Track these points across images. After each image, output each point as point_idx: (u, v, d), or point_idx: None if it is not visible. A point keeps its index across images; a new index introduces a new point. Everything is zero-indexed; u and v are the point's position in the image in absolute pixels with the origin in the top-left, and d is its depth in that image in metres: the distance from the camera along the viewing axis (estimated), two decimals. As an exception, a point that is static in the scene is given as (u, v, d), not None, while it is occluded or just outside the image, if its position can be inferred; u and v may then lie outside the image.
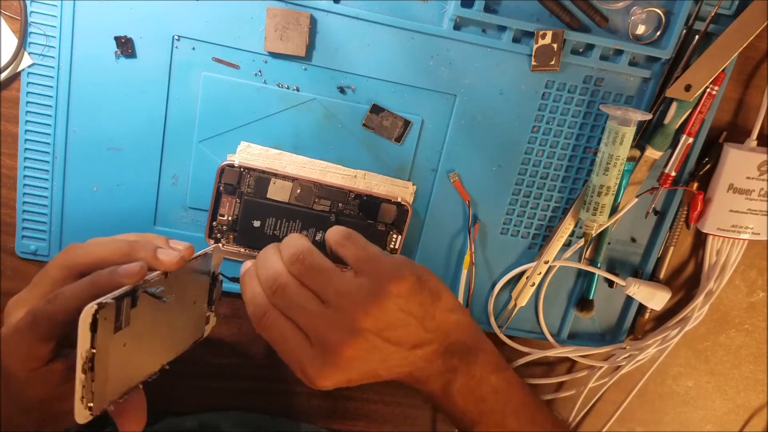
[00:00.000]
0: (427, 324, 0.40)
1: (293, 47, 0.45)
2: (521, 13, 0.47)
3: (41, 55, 0.45)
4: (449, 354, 0.40)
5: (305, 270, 0.38)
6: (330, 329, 0.37)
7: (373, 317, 0.37)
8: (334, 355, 0.37)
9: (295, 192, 0.48)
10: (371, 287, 0.38)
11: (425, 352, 0.40)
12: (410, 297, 0.39)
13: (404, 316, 0.39)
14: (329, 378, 0.38)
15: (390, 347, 0.39)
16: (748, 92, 0.51)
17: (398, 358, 0.39)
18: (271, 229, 0.48)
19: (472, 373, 0.40)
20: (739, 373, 0.62)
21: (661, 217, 0.53)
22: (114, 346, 0.33)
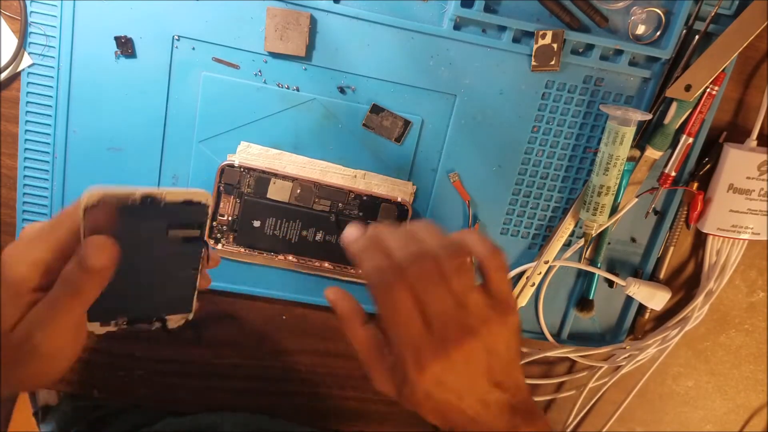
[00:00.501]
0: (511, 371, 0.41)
1: (293, 47, 0.45)
2: (521, 13, 0.47)
3: (41, 55, 0.45)
4: (515, 412, 0.41)
5: (462, 267, 0.40)
6: (457, 323, 0.39)
7: (491, 333, 0.39)
8: (453, 346, 0.38)
9: (295, 192, 0.48)
10: (498, 310, 0.40)
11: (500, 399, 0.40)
12: (514, 337, 0.41)
13: (505, 350, 0.40)
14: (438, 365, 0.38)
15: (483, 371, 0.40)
16: (748, 92, 0.51)
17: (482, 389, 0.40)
18: (271, 229, 0.48)
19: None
20: (739, 373, 0.62)
21: (661, 217, 0.53)
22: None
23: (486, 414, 0.40)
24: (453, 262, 0.40)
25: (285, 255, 0.49)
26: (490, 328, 0.40)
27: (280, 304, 0.54)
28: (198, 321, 0.54)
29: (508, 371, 0.41)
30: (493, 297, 0.41)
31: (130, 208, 0.36)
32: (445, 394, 0.39)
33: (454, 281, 0.40)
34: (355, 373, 0.57)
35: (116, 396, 0.55)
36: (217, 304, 0.53)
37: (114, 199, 0.35)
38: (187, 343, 0.54)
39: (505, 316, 0.41)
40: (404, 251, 0.40)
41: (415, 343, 0.39)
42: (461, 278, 0.40)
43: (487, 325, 0.40)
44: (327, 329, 0.55)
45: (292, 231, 0.48)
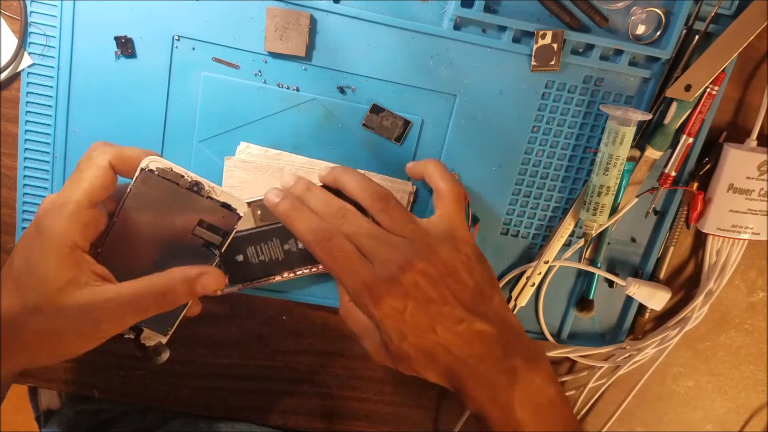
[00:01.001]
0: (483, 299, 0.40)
1: (293, 47, 0.45)
2: (521, 13, 0.47)
3: (41, 55, 0.45)
4: (510, 350, 0.39)
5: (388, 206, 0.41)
6: (396, 250, 0.39)
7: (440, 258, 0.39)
8: (398, 271, 0.38)
9: (257, 214, 0.47)
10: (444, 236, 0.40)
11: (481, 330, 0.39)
12: (474, 263, 0.40)
13: (467, 273, 0.39)
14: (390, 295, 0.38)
15: (449, 296, 0.39)
16: (748, 92, 0.51)
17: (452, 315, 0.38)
18: (256, 257, 0.48)
19: (533, 379, 0.39)
20: (739, 373, 0.62)
21: (661, 217, 0.53)
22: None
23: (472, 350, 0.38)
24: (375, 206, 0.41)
25: (280, 274, 0.49)
26: (438, 253, 0.39)
27: (280, 304, 0.54)
28: (196, 320, 0.54)
29: (482, 299, 0.40)
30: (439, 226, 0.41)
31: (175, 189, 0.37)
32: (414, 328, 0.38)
33: (385, 221, 0.41)
34: (355, 373, 0.57)
35: (117, 396, 0.55)
36: (217, 304, 0.53)
37: (169, 173, 0.37)
38: (187, 343, 0.54)
39: (455, 243, 0.40)
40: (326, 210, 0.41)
41: (365, 281, 0.38)
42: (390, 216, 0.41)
43: (433, 249, 0.39)
44: (327, 329, 0.55)
45: (275, 250, 0.48)
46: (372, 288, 0.38)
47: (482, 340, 0.39)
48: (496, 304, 0.41)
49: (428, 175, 0.44)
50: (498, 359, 0.39)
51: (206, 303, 0.53)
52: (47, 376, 0.54)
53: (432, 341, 0.39)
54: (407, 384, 0.58)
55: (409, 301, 0.38)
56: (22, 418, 1.16)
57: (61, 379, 0.54)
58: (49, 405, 0.69)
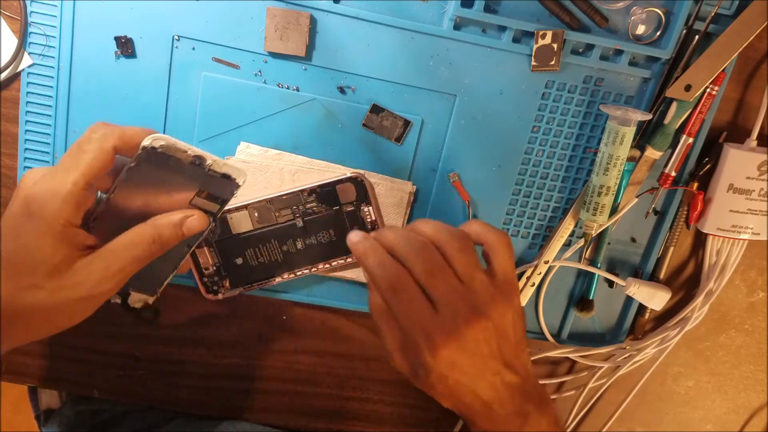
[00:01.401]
0: (519, 353, 0.42)
1: (293, 47, 0.45)
2: (521, 13, 0.47)
3: (41, 55, 0.45)
4: (526, 397, 0.41)
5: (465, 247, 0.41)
6: (465, 303, 0.40)
7: (498, 313, 0.40)
8: (464, 326, 0.39)
9: (254, 216, 0.47)
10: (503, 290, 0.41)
11: (511, 382, 0.41)
12: (519, 317, 0.42)
13: (510, 329, 0.41)
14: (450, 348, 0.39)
15: (496, 351, 0.41)
16: (748, 92, 0.51)
17: (494, 370, 0.41)
18: (255, 260, 0.48)
19: (541, 423, 0.41)
20: (739, 373, 0.62)
21: (661, 217, 0.53)
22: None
23: (498, 397, 0.41)
24: (454, 245, 0.41)
25: (280, 275, 0.49)
26: (498, 308, 0.40)
27: (280, 304, 0.54)
28: (196, 320, 0.54)
29: (517, 353, 0.42)
30: (498, 278, 0.42)
31: (176, 162, 0.37)
32: (459, 375, 0.40)
33: (458, 264, 0.41)
34: (355, 373, 0.57)
35: (116, 396, 0.55)
36: (217, 304, 0.53)
37: (172, 149, 0.37)
38: (187, 343, 0.54)
39: (510, 296, 0.42)
40: (405, 245, 0.41)
41: (425, 328, 0.39)
42: (465, 259, 0.41)
43: (495, 304, 0.40)
44: (327, 329, 0.55)
45: (274, 251, 0.48)
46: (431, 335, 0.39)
47: (508, 389, 0.41)
48: (525, 356, 0.43)
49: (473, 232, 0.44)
50: (516, 404, 0.41)
51: (206, 303, 0.53)
52: (47, 376, 0.54)
53: (467, 389, 0.41)
54: (407, 384, 0.58)
55: (463, 354, 0.40)
56: (22, 418, 1.16)
57: (61, 379, 0.54)
58: (49, 405, 0.69)
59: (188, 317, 0.54)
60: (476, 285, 0.40)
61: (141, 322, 0.44)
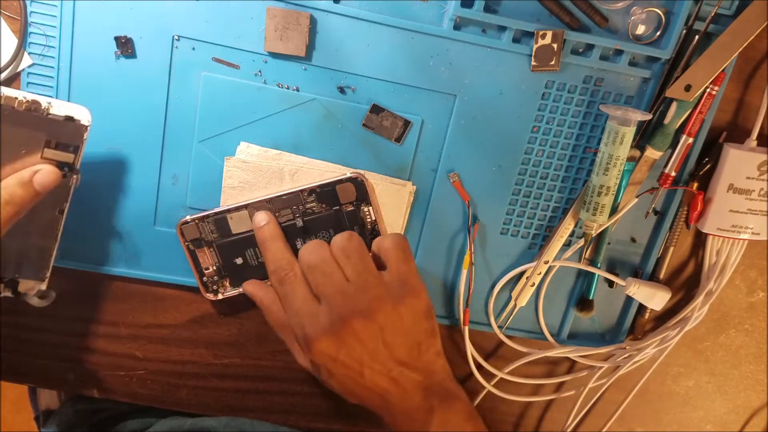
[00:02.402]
0: (421, 353, 0.43)
1: (293, 47, 0.45)
2: (521, 13, 0.47)
3: (41, 55, 0.45)
4: (429, 393, 0.42)
5: (349, 246, 0.43)
6: (346, 302, 0.41)
7: (386, 313, 0.41)
8: (341, 324, 0.40)
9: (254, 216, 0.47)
10: (396, 290, 0.42)
11: (410, 377, 0.42)
12: (418, 318, 0.43)
13: (406, 330, 0.42)
14: (324, 342, 0.40)
15: (383, 349, 0.41)
16: (748, 92, 0.51)
17: (385, 366, 0.41)
18: (255, 260, 0.48)
19: (449, 418, 0.42)
20: (739, 373, 0.62)
21: (661, 217, 0.53)
22: None
23: (395, 391, 0.42)
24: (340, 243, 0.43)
25: None
26: (383, 308, 0.41)
27: (280, 304, 0.54)
28: (196, 320, 0.54)
29: (418, 353, 0.43)
30: (392, 279, 0.43)
31: (14, 115, 0.35)
32: (343, 370, 0.41)
33: (346, 266, 0.43)
34: (355, 373, 0.57)
35: (116, 396, 0.55)
36: (217, 304, 0.53)
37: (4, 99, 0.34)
38: (187, 343, 0.54)
39: (402, 297, 0.42)
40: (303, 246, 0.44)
41: (303, 322, 0.41)
42: (351, 261, 0.43)
43: (380, 304, 0.41)
44: (327, 329, 0.55)
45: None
46: (307, 329, 0.41)
47: (408, 384, 0.42)
48: (429, 355, 0.43)
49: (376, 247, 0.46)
50: (417, 400, 0.42)
51: (206, 303, 0.53)
52: (47, 376, 0.54)
53: (357, 383, 0.42)
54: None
55: (343, 349, 0.41)
56: (22, 418, 1.16)
57: (60, 379, 0.54)
58: (49, 405, 0.69)
59: (188, 317, 0.54)
60: (365, 285, 0.42)
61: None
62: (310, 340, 0.41)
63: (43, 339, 0.53)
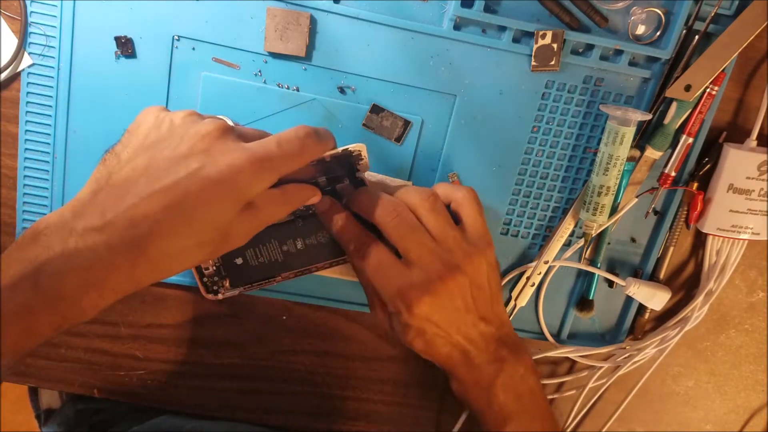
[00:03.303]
0: (493, 304, 0.44)
1: (293, 47, 0.45)
2: (521, 13, 0.47)
3: (41, 55, 0.45)
4: (501, 344, 0.44)
5: (435, 206, 0.43)
6: (439, 260, 0.41)
7: (473, 267, 0.42)
8: (438, 283, 0.41)
9: None
10: (477, 244, 0.43)
11: (486, 331, 0.43)
12: (493, 270, 0.44)
13: (485, 282, 0.43)
14: (426, 304, 0.41)
15: (471, 304, 0.43)
16: (748, 92, 0.51)
17: (470, 322, 0.43)
18: (255, 259, 0.48)
19: (517, 368, 0.44)
20: (739, 373, 0.62)
21: (661, 217, 0.53)
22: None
23: (475, 347, 0.43)
24: (425, 206, 0.43)
25: (281, 276, 0.48)
26: (472, 263, 0.42)
27: (280, 304, 0.54)
28: (196, 320, 0.54)
29: (492, 305, 0.44)
30: (469, 233, 0.44)
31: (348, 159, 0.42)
32: (436, 329, 0.42)
33: (430, 223, 0.43)
34: (355, 373, 0.57)
35: (116, 396, 0.55)
36: (217, 304, 0.53)
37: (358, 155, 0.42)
38: (187, 343, 0.54)
39: (483, 250, 0.43)
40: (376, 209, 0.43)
41: (400, 288, 0.41)
42: (436, 218, 0.43)
43: (469, 259, 0.42)
44: (327, 329, 0.55)
45: (274, 251, 0.48)
46: (405, 294, 0.41)
47: (484, 338, 0.43)
48: (500, 306, 0.45)
49: (443, 194, 0.46)
50: (491, 352, 0.43)
51: (206, 303, 0.53)
52: (47, 375, 0.54)
53: (444, 339, 0.43)
54: (407, 384, 0.58)
55: (439, 309, 0.41)
56: (22, 418, 1.16)
57: (61, 378, 0.54)
58: (49, 404, 0.69)
59: (188, 317, 0.54)
60: (449, 242, 0.42)
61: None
62: (410, 303, 0.41)
63: (43, 339, 0.53)
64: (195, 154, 0.34)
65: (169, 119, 0.37)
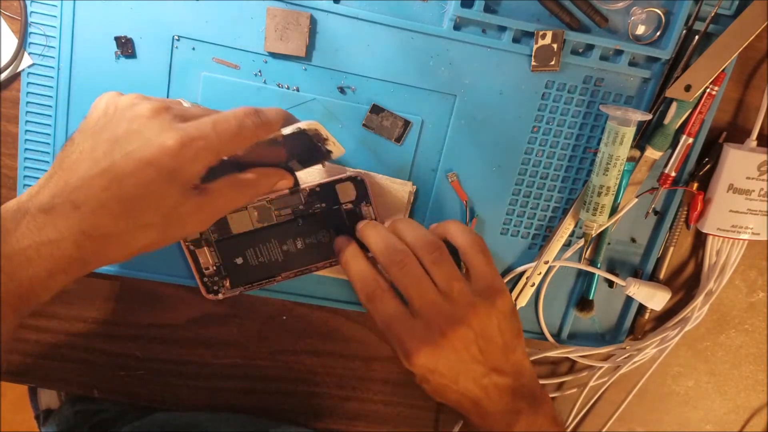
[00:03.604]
0: (508, 355, 0.43)
1: (293, 47, 0.45)
2: (521, 13, 0.47)
3: (41, 55, 0.45)
4: (518, 396, 0.42)
5: (440, 259, 0.42)
6: (441, 314, 0.41)
7: (479, 319, 0.41)
8: (438, 336, 0.40)
9: (254, 216, 0.47)
10: (484, 293, 0.42)
11: (499, 383, 0.42)
12: (506, 319, 0.43)
13: (498, 334, 0.42)
14: (424, 356, 0.41)
15: (479, 355, 0.42)
16: (748, 92, 0.51)
17: (478, 373, 0.42)
18: (255, 259, 0.48)
19: (535, 420, 0.42)
20: (739, 373, 0.62)
21: (661, 217, 0.53)
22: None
23: (486, 398, 0.42)
24: (430, 257, 0.42)
25: (281, 275, 0.49)
26: (477, 314, 0.41)
27: (280, 304, 0.54)
28: (196, 320, 0.54)
29: (505, 355, 0.43)
30: (478, 283, 0.43)
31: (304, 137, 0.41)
32: (440, 378, 0.42)
33: (435, 274, 0.42)
34: (355, 373, 0.57)
35: (116, 396, 0.55)
36: (217, 304, 0.53)
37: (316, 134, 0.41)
38: (187, 343, 0.54)
39: (492, 300, 0.42)
40: (385, 255, 0.43)
41: (401, 337, 0.41)
42: (441, 269, 0.42)
43: (475, 311, 0.41)
44: (327, 329, 0.55)
45: (274, 251, 0.48)
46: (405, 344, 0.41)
47: (497, 389, 0.42)
48: (517, 355, 0.44)
49: (449, 234, 0.46)
50: (506, 403, 0.42)
51: (206, 303, 0.53)
52: (47, 376, 0.54)
53: (452, 390, 0.42)
54: (407, 384, 0.58)
55: (441, 360, 0.41)
56: (22, 418, 1.16)
57: (60, 379, 0.54)
58: (49, 405, 0.69)
59: (188, 317, 0.54)
60: (454, 294, 0.41)
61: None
62: (408, 354, 0.41)
63: (43, 339, 0.53)
64: (130, 135, 0.35)
65: (115, 103, 0.37)
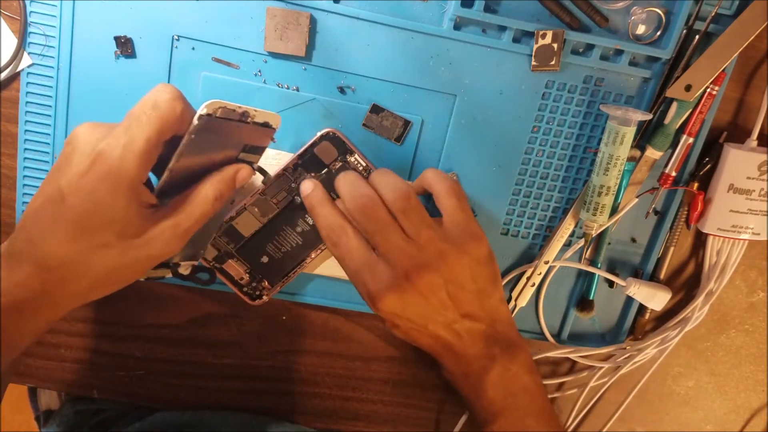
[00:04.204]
0: (483, 301, 0.43)
1: (293, 47, 0.45)
2: (521, 13, 0.47)
3: (41, 55, 0.45)
4: (492, 341, 0.43)
5: (408, 207, 0.42)
6: (408, 258, 0.41)
7: (449, 265, 0.41)
8: (404, 280, 0.40)
9: (256, 213, 0.47)
10: (456, 238, 0.42)
11: (472, 328, 0.42)
12: (480, 265, 0.43)
13: (470, 280, 0.42)
14: (389, 300, 0.41)
15: (448, 301, 0.42)
16: (748, 92, 0.51)
17: (449, 318, 0.42)
18: (278, 251, 0.48)
19: (509, 367, 0.43)
20: (739, 373, 0.62)
21: (661, 217, 0.53)
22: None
23: (458, 342, 0.43)
24: (397, 205, 0.42)
25: (309, 255, 0.49)
26: (446, 260, 0.41)
27: (280, 304, 0.54)
28: (196, 320, 0.54)
29: (479, 301, 0.43)
30: (451, 229, 0.43)
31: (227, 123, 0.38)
32: (408, 323, 0.42)
33: (404, 222, 0.42)
34: (355, 373, 0.57)
35: (116, 396, 0.55)
36: (217, 304, 0.53)
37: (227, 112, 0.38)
38: (187, 343, 0.54)
39: (465, 246, 0.42)
40: (352, 201, 0.43)
41: (365, 282, 0.41)
42: (409, 217, 0.42)
43: (442, 256, 0.41)
44: (327, 329, 0.55)
45: (291, 236, 0.48)
46: (369, 288, 0.41)
47: (470, 334, 0.43)
48: (492, 301, 0.44)
49: (426, 182, 0.45)
50: (480, 348, 0.43)
51: (206, 303, 0.53)
52: (47, 376, 0.54)
53: (422, 334, 0.43)
54: (407, 384, 0.58)
55: (407, 305, 0.41)
56: (22, 418, 1.16)
57: (60, 379, 0.54)
58: (49, 405, 0.69)
59: (188, 317, 0.54)
60: (422, 240, 0.41)
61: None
62: (374, 299, 0.41)
63: (43, 339, 0.53)
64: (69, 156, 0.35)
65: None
